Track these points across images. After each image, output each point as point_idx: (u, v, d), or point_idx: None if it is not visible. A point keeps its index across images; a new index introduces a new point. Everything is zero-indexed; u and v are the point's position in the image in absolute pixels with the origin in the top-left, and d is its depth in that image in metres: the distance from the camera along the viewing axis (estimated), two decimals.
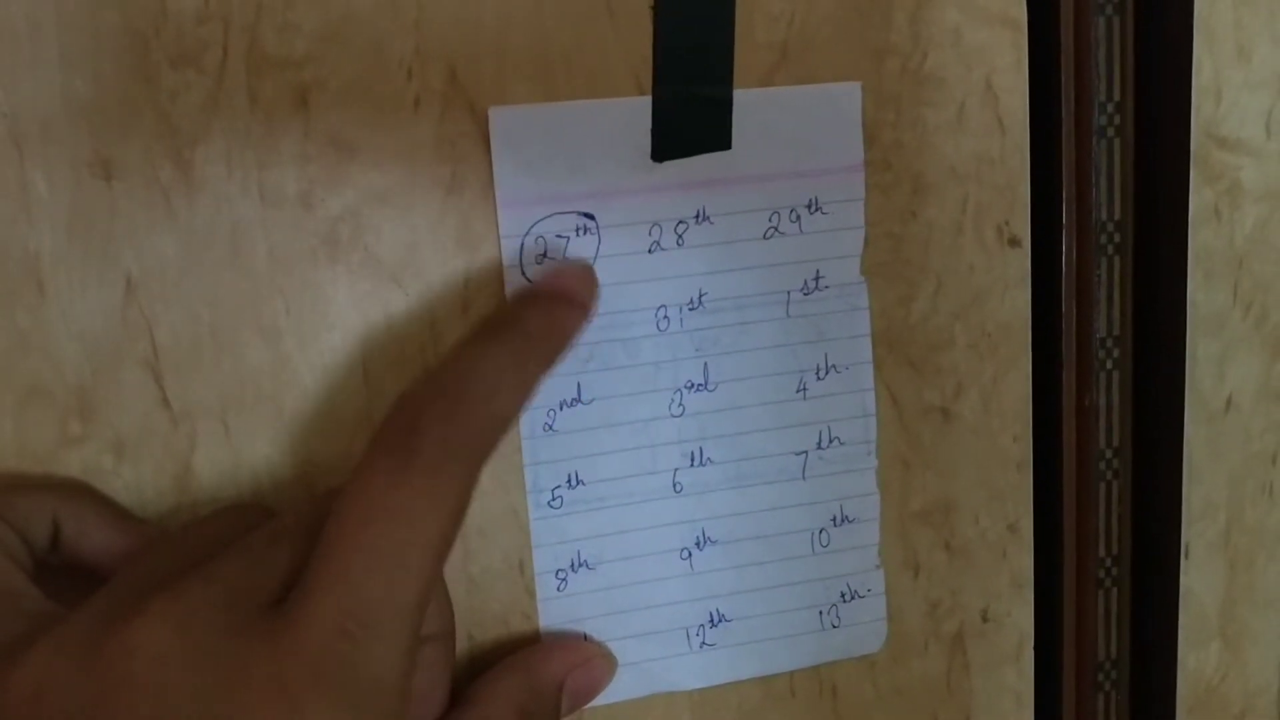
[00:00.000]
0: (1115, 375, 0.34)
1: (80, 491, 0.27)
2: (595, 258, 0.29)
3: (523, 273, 0.29)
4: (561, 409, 0.30)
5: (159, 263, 0.27)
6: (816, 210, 0.30)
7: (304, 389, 0.28)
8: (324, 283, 0.28)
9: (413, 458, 0.23)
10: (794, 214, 0.30)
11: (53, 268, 0.27)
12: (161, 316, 0.27)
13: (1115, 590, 0.35)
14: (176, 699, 0.21)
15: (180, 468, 0.28)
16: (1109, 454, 0.34)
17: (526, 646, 0.30)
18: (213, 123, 0.27)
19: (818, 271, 0.31)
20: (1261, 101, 0.33)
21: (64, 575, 0.26)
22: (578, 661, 0.29)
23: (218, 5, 0.27)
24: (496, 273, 0.29)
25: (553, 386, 0.29)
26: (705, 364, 0.30)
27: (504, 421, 0.25)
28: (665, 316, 0.30)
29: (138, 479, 0.28)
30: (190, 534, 0.26)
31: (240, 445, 0.28)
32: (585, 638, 0.31)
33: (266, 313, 0.28)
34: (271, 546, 0.24)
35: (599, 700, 0.30)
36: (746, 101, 0.30)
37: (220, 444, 0.28)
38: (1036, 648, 0.34)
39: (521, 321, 0.26)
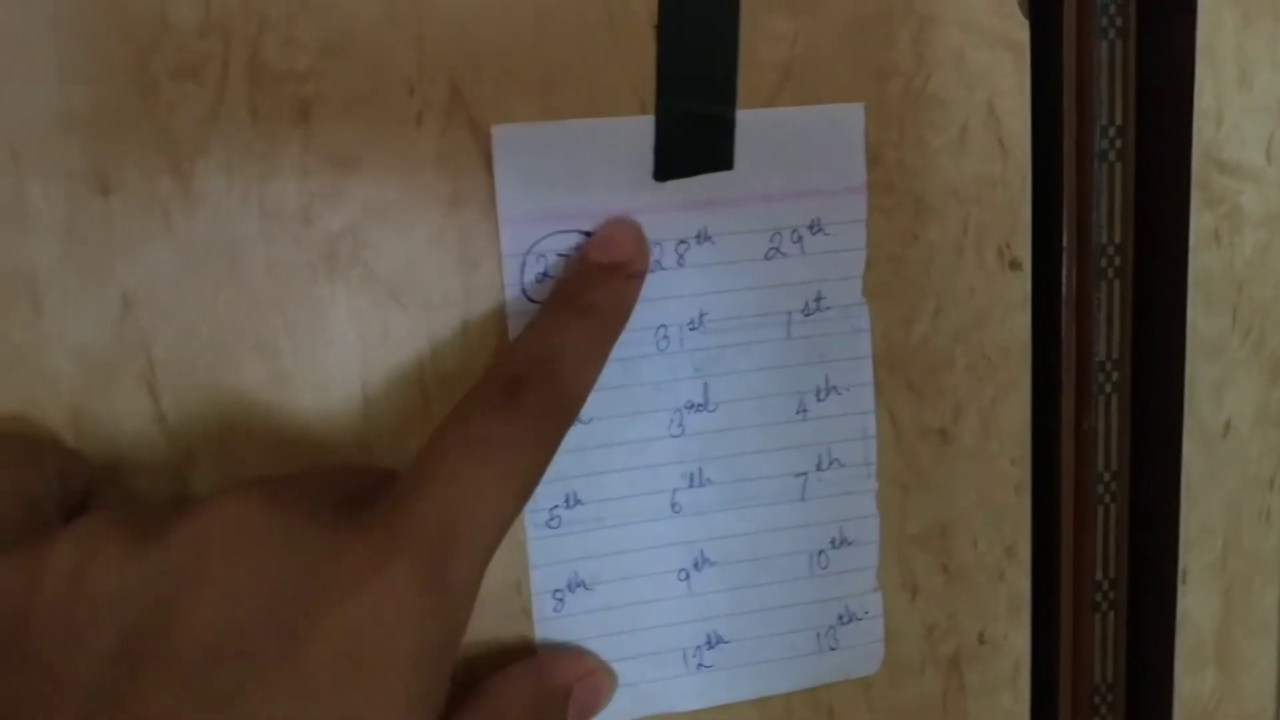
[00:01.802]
0: (1114, 398, 0.34)
1: (117, 477, 0.27)
2: None
3: (523, 291, 0.29)
4: None
5: (156, 277, 0.27)
6: (818, 231, 0.30)
7: (302, 406, 0.28)
8: (323, 299, 0.28)
9: (517, 404, 0.24)
10: (796, 235, 0.30)
11: (48, 282, 0.26)
12: (158, 332, 0.27)
13: (1112, 614, 0.35)
14: (259, 570, 0.21)
15: (176, 485, 0.28)
16: (1107, 477, 0.34)
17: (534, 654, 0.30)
18: (212, 136, 0.27)
19: (819, 292, 0.31)
20: (1263, 126, 0.33)
21: None
22: (585, 671, 0.30)
23: (219, 17, 0.26)
24: (497, 290, 0.29)
25: None
26: (705, 384, 0.30)
27: (587, 388, 0.27)
28: (665, 336, 0.30)
29: (133, 496, 0.27)
30: None
31: (236, 463, 0.28)
32: (585, 652, 0.30)
33: (265, 329, 0.28)
34: (356, 469, 0.25)
35: None
36: (749, 121, 0.29)
37: (216, 461, 0.28)
38: (1033, 671, 0.34)
39: (590, 299, 0.28)
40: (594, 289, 0.28)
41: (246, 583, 0.21)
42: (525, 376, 0.25)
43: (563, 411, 0.26)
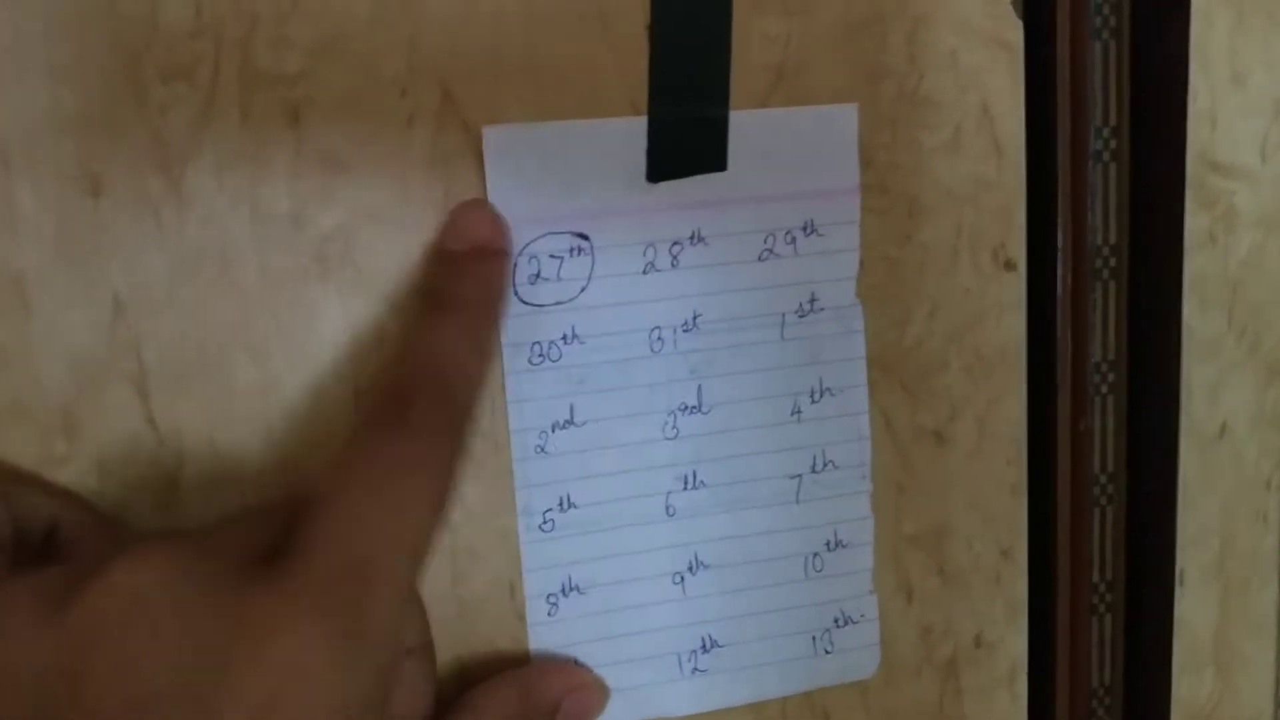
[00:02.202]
0: (1110, 400, 0.34)
1: (81, 502, 0.26)
2: (589, 278, 0.29)
3: (515, 292, 0.29)
4: (554, 431, 0.29)
5: (147, 280, 0.27)
6: (812, 232, 0.30)
7: (293, 408, 0.28)
8: (315, 301, 0.28)
9: (407, 423, 0.24)
10: (789, 236, 0.30)
11: (38, 284, 0.26)
12: (149, 334, 0.27)
13: (1109, 616, 0.35)
14: (162, 639, 0.20)
15: (167, 488, 0.27)
16: (1103, 479, 0.34)
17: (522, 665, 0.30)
18: (203, 138, 0.27)
19: (813, 294, 0.31)
20: (1256, 127, 0.33)
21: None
22: (574, 685, 0.29)
23: (210, 20, 0.26)
24: None
25: (545, 408, 0.29)
26: (699, 386, 0.30)
27: (477, 384, 0.26)
28: (659, 338, 0.30)
29: (123, 499, 0.27)
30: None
31: (228, 465, 0.28)
32: (576, 663, 0.30)
33: (256, 331, 0.27)
34: (261, 515, 0.24)
35: None
36: (742, 123, 0.29)
37: (208, 464, 0.27)
38: (1030, 674, 0.34)
39: (458, 294, 0.27)
40: (458, 280, 0.27)
41: (149, 652, 0.20)
42: (411, 389, 0.25)
43: (457, 416, 0.25)
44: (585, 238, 0.29)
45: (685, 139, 0.29)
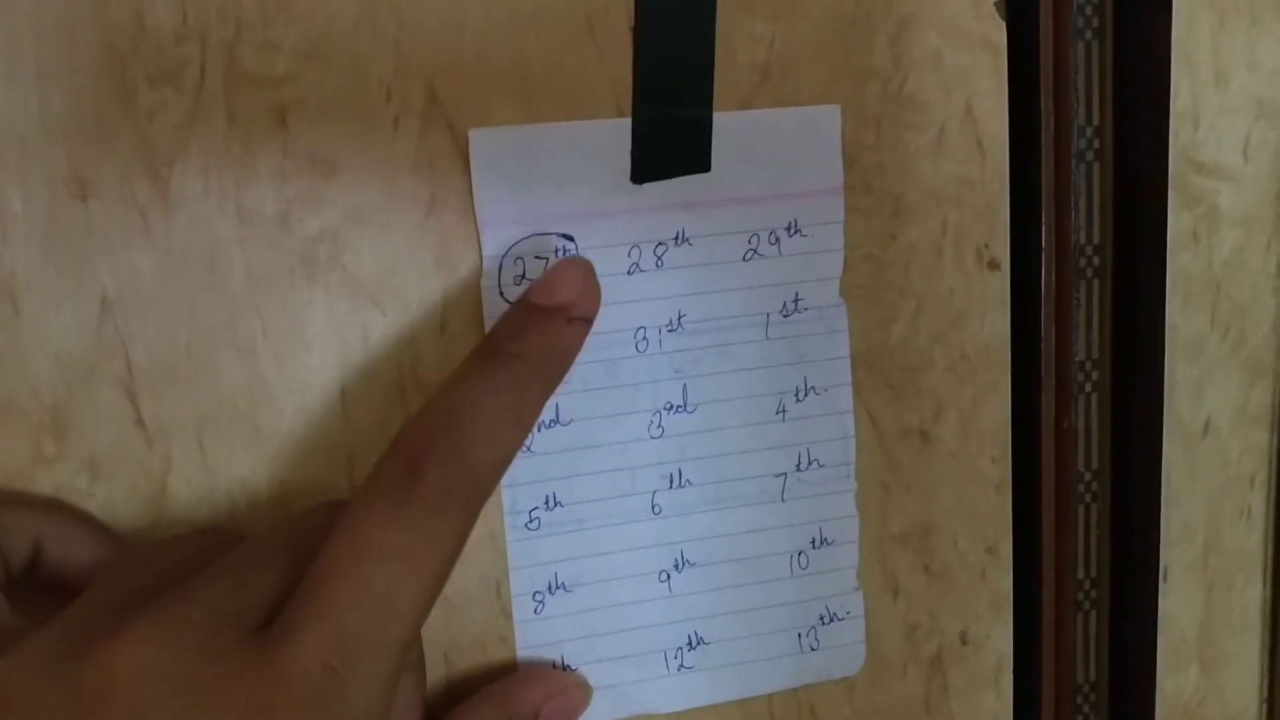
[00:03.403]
0: (1094, 398, 0.34)
1: (65, 511, 0.27)
2: None
3: (501, 293, 0.29)
4: (540, 430, 0.29)
5: (135, 281, 0.27)
6: (796, 232, 0.30)
7: (280, 410, 0.28)
8: (302, 303, 0.28)
9: (412, 499, 0.23)
10: (773, 236, 0.30)
11: (27, 286, 0.26)
12: (137, 335, 0.27)
13: (1094, 613, 0.35)
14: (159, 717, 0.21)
15: (155, 488, 0.28)
16: (1088, 476, 0.34)
17: (502, 676, 0.30)
18: (190, 141, 0.27)
19: (797, 294, 0.31)
20: (1239, 126, 0.33)
21: (39, 593, 0.26)
22: (554, 691, 0.29)
23: (196, 23, 0.26)
24: (475, 294, 0.29)
25: None
26: (684, 386, 0.30)
27: (506, 459, 0.25)
28: (644, 338, 0.30)
29: (112, 499, 0.27)
30: (165, 551, 0.25)
31: (216, 466, 0.28)
32: (563, 666, 0.30)
33: (243, 332, 0.28)
34: (251, 568, 0.24)
35: None
36: (726, 123, 0.30)
37: (196, 465, 0.28)
38: (1015, 670, 0.34)
39: (520, 345, 0.25)
40: (526, 334, 0.25)
41: None
42: (427, 452, 0.23)
43: (472, 490, 0.24)
44: (570, 239, 0.29)
45: (670, 140, 0.29)
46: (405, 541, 0.23)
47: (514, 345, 0.25)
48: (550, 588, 0.30)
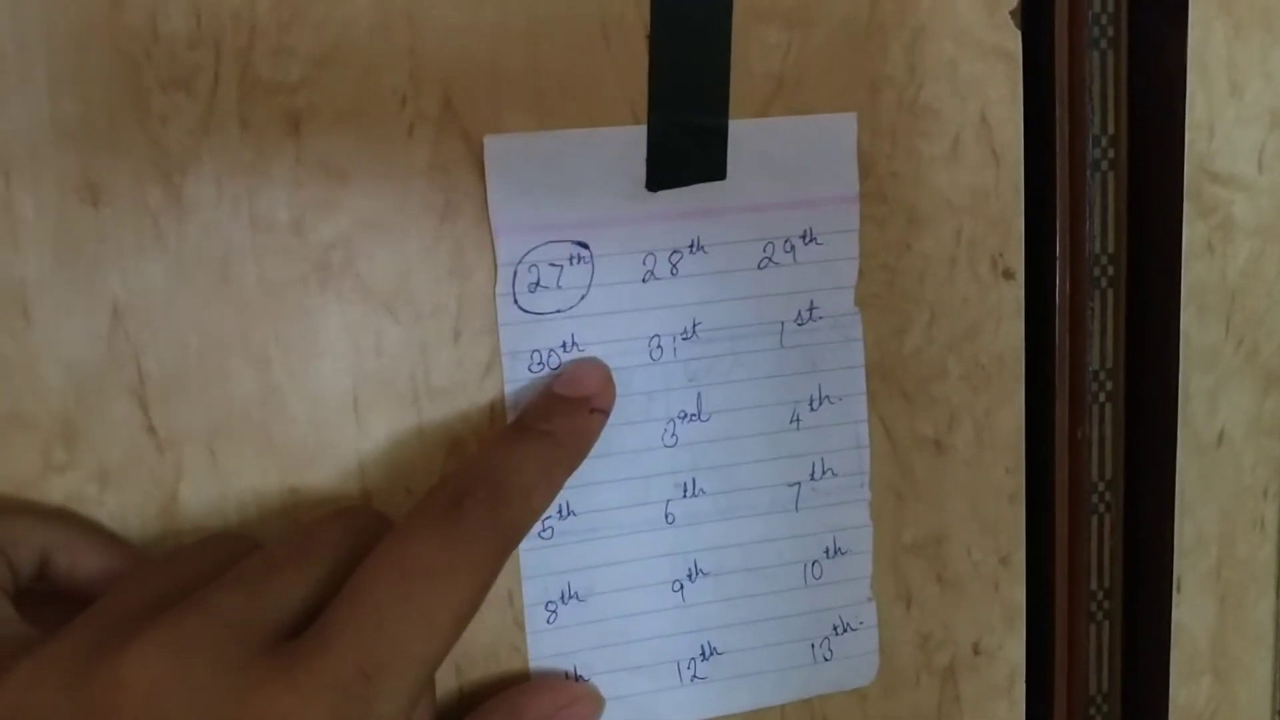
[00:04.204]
0: (1108, 408, 0.34)
1: (71, 521, 0.27)
2: (589, 286, 0.29)
3: (515, 301, 0.29)
4: None
5: (146, 289, 0.27)
6: (811, 241, 0.30)
7: (293, 418, 0.28)
8: (314, 310, 0.28)
9: (458, 526, 0.24)
10: (788, 244, 0.30)
11: (38, 293, 0.26)
12: (148, 343, 0.27)
13: (1107, 623, 0.35)
14: None
15: (166, 497, 0.27)
16: (1101, 487, 0.34)
17: (513, 685, 0.29)
18: (203, 147, 0.27)
19: (811, 302, 0.31)
20: (1254, 136, 0.33)
21: (48, 601, 0.26)
22: (565, 702, 0.29)
23: (210, 28, 0.26)
24: (489, 301, 0.29)
25: None
26: (698, 394, 0.30)
27: (536, 514, 0.26)
28: (659, 346, 0.30)
29: (122, 508, 0.27)
30: (179, 559, 0.25)
31: (227, 474, 0.28)
32: (576, 676, 0.30)
33: (255, 340, 0.27)
34: (266, 576, 0.24)
35: None
36: (742, 131, 0.29)
37: (207, 473, 0.28)
38: (1028, 681, 0.34)
39: (549, 425, 0.28)
40: (553, 417, 0.28)
41: None
42: (470, 493, 0.25)
43: (507, 532, 0.25)
44: (585, 246, 0.29)
45: (685, 148, 0.29)
46: (446, 560, 0.23)
47: (544, 425, 0.28)
48: (563, 597, 0.30)
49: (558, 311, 0.29)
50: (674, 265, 0.30)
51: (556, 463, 0.27)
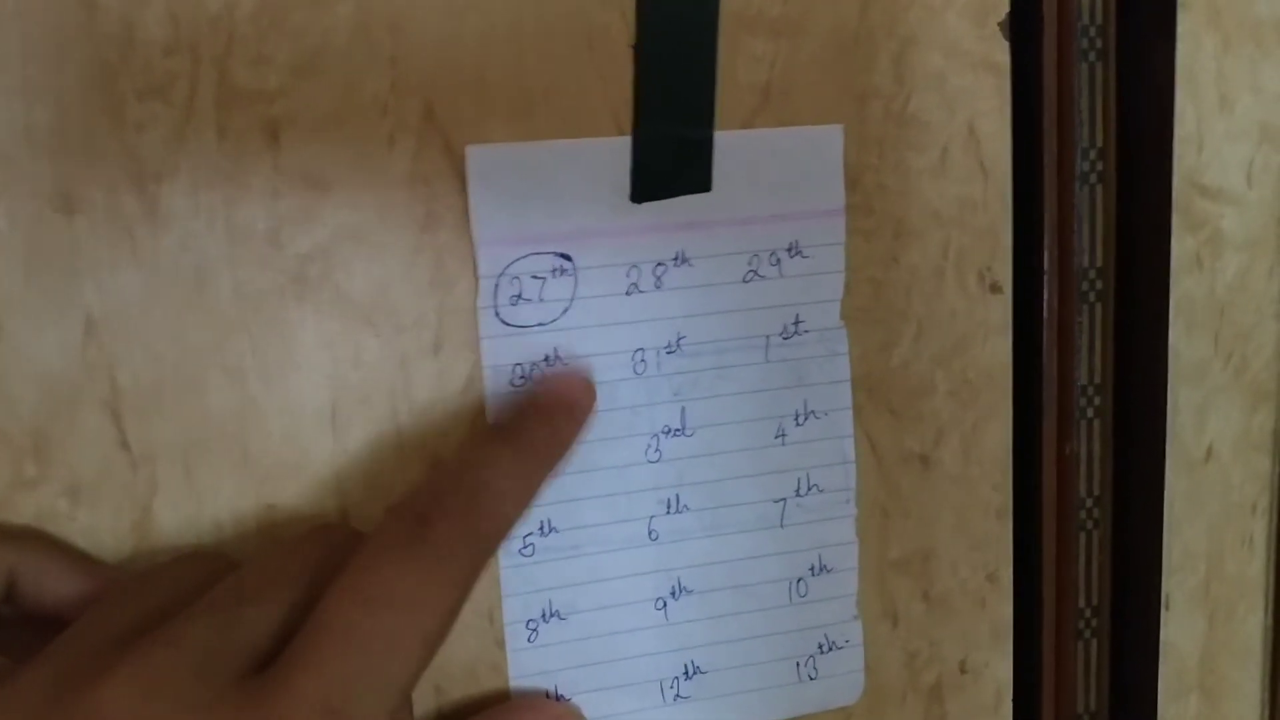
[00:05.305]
0: (1096, 424, 0.34)
1: (38, 541, 0.26)
2: (572, 299, 0.29)
3: (496, 314, 0.28)
4: None
5: (120, 300, 0.26)
6: (797, 254, 0.30)
7: (269, 431, 0.27)
8: (292, 322, 0.27)
9: (422, 545, 0.23)
10: (774, 257, 0.30)
11: (9, 304, 0.26)
12: (122, 356, 0.26)
13: (1095, 641, 0.35)
14: None
15: (140, 512, 0.27)
16: (1089, 503, 0.34)
17: (493, 705, 0.29)
18: (179, 157, 0.26)
19: (797, 316, 0.30)
20: (1243, 151, 0.33)
21: (15, 626, 0.25)
22: None
23: (187, 36, 0.26)
24: (471, 314, 0.28)
25: None
26: (683, 409, 0.30)
27: (509, 524, 0.26)
28: (643, 360, 0.29)
29: (95, 524, 0.27)
30: (150, 584, 0.25)
31: (202, 489, 0.27)
32: (557, 695, 0.30)
33: (231, 352, 0.27)
34: (240, 605, 0.23)
35: None
36: (727, 143, 0.29)
37: (182, 488, 0.27)
38: (1015, 699, 0.34)
39: (527, 431, 0.27)
40: (528, 419, 0.27)
41: None
42: (437, 509, 0.24)
43: (479, 545, 0.24)
44: (568, 258, 0.29)
45: (670, 159, 0.29)
46: (411, 586, 0.23)
47: (519, 431, 0.27)
48: (544, 615, 0.29)
49: (540, 325, 0.29)
50: (658, 278, 0.29)
51: (532, 471, 0.26)
